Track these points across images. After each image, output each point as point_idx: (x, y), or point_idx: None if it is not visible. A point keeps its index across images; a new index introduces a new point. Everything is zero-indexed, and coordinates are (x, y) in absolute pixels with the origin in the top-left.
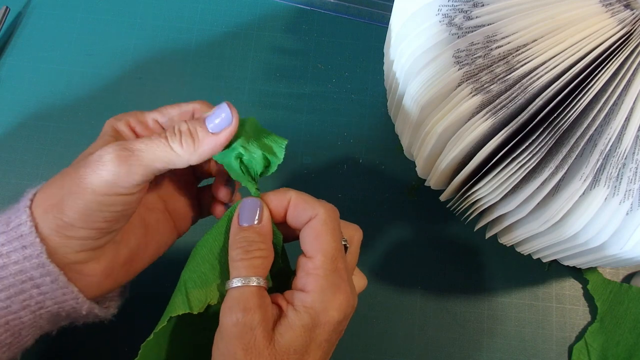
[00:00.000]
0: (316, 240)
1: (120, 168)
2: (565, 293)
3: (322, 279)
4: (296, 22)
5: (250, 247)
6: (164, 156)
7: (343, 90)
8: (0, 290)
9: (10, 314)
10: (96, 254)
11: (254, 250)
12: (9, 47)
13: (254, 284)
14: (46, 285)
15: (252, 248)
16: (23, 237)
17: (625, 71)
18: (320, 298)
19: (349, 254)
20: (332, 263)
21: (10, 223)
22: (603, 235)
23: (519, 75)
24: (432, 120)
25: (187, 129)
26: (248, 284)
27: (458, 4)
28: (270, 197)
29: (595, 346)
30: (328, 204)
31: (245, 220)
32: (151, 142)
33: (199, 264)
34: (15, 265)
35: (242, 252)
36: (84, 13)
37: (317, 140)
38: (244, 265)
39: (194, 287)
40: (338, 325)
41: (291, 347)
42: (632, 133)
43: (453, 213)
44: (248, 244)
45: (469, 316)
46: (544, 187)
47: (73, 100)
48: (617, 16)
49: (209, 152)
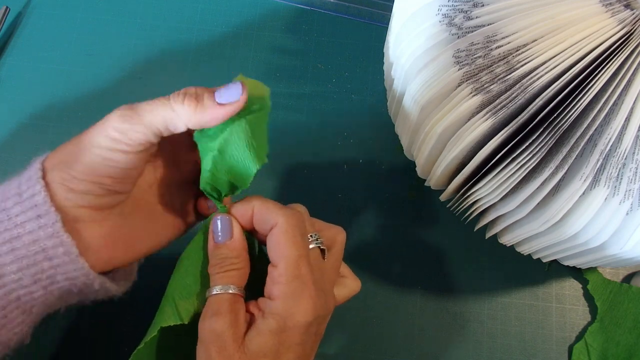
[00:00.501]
0: (277, 249)
1: (123, 125)
2: (565, 293)
3: (285, 286)
4: (296, 22)
5: (224, 262)
6: (164, 114)
7: (343, 90)
8: (12, 262)
9: (22, 288)
10: (98, 215)
11: (227, 265)
12: (9, 47)
13: (230, 291)
14: (58, 257)
15: (226, 263)
16: (37, 207)
17: (625, 71)
18: (284, 304)
19: (331, 255)
20: (294, 270)
21: (22, 194)
22: (603, 235)
23: (519, 75)
24: (432, 120)
25: (195, 91)
26: (223, 292)
27: (458, 4)
28: (236, 208)
29: (595, 346)
30: (291, 210)
31: (217, 238)
32: (154, 103)
33: (182, 276)
34: (29, 235)
35: (218, 267)
36: (84, 13)
37: (317, 140)
38: (219, 277)
39: (181, 299)
40: (308, 327)
41: (261, 351)
42: (632, 133)
43: (453, 213)
44: (222, 260)
45: (469, 316)
46: (544, 187)
47: (73, 100)
48: (617, 16)
49: (208, 118)
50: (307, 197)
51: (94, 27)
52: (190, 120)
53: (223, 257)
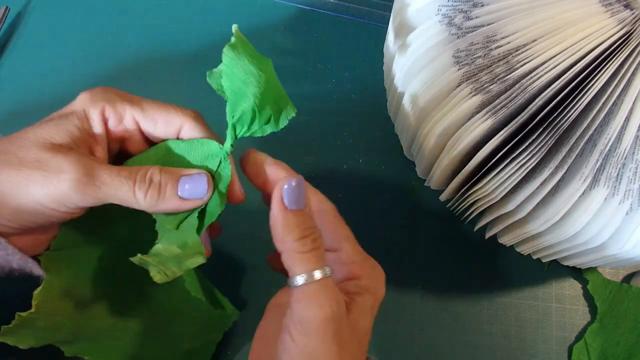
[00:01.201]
0: (336, 231)
1: (75, 193)
2: (565, 293)
3: (363, 263)
4: (296, 22)
5: (313, 235)
6: (123, 198)
7: (343, 90)
8: None
9: None
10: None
11: (318, 239)
12: (9, 47)
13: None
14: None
15: (316, 236)
16: None
17: (625, 71)
18: (370, 280)
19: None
20: (358, 246)
21: None
22: (603, 235)
23: (518, 75)
24: (432, 120)
25: (159, 182)
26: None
27: (458, 4)
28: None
29: (595, 346)
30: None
31: (296, 204)
32: (117, 182)
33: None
34: None
35: (310, 242)
36: (84, 13)
37: (317, 140)
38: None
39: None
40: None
41: (367, 329)
42: (631, 133)
43: (453, 213)
44: (310, 232)
45: (469, 316)
46: (544, 187)
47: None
48: (617, 16)
49: (167, 209)
50: None
51: (94, 27)
52: (149, 209)
53: (309, 227)
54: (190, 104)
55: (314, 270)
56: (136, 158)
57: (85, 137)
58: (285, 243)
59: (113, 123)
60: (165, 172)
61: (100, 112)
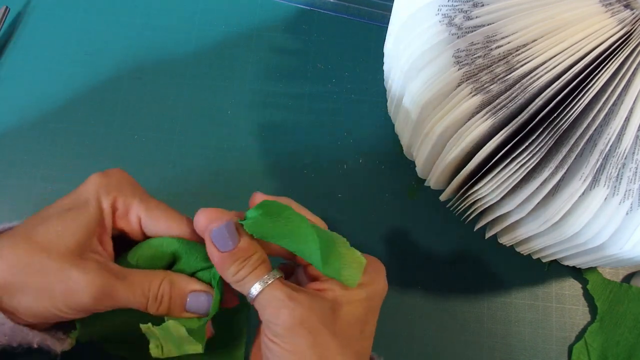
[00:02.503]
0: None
1: (93, 306)
2: (565, 293)
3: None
4: (296, 22)
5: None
6: (134, 306)
7: (343, 90)
8: None
9: None
10: None
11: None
12: (9, 47)
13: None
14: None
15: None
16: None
17: (625, 71)
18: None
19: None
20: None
21: None
22: (603, 235)
23: (519, 75)
24: (432, 120)
25: (169, 300)
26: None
27: (458, 4)
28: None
29: (595, 346)
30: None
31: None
32: (131, 298)
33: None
34: None
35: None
36: (84, 13)
37: (317, 140)
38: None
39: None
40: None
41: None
42: (631, 133)
43: (453, 213)
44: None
45: (469, 316)
46: (544, 187)
47: (73, 100)
48: (617, 16)
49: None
50: (307, 197)
51: (94, 27)
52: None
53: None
54: (189, 104)
55: (255, 283)
56: (139, 252)
57: (98, 228)
58: (226, 277)
59: (120, 215)
60: (175, 288)
61: (111, 203)
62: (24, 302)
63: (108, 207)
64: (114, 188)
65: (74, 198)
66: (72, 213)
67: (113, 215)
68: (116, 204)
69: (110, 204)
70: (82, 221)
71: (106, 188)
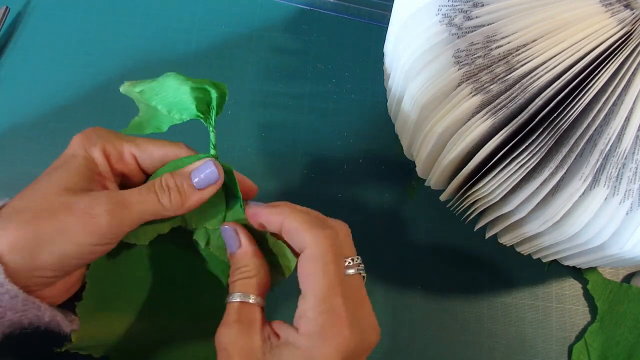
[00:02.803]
0: (306, 279)
1: (112, 222)
2: (565, 293)
3: (312, 322)
4: (296, 22)
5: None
6: (154, 210)
7: (343, 90)
8: None
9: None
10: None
11: (237, 273)
12: (9, 47)
13: (244, 300)
14: (5, 300)
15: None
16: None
17: (625, 71)
18: (309, 342)
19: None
20: (323, 304)
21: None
22: (603, 235)
23: (519, 75)
24: (432, 120)
25: (175, 184)
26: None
27: (458, 4)
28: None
29: (595, 346)
30: (323, 230)
31: (229, 247)
32: (144, 197)
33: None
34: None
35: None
36: (84, 13)
37: (317, 141)
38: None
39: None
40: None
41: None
42: (631, 133)
43: (453, 213)
44: (234, 268)
45: (469, 316)
46: (544, 187)
47: (73, 100)
48: (617, 16)
49: (195, 206)
50: (307, 197)
51: (94, 27)
52: (178, 212)
53: (235, 266)
54: None
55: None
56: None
57: (95, 176)
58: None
59: (114, 159)
60: (175, 174)
61: (101, 150)
62: (45, 255)
63: (100, 156)
64: (97, 138)
65: (60, 159)
66: (61, 167)
67: (108, 161)
68: (107, 150)
69: (101, 151)
70: (72, 168)
71: (89, 140)
